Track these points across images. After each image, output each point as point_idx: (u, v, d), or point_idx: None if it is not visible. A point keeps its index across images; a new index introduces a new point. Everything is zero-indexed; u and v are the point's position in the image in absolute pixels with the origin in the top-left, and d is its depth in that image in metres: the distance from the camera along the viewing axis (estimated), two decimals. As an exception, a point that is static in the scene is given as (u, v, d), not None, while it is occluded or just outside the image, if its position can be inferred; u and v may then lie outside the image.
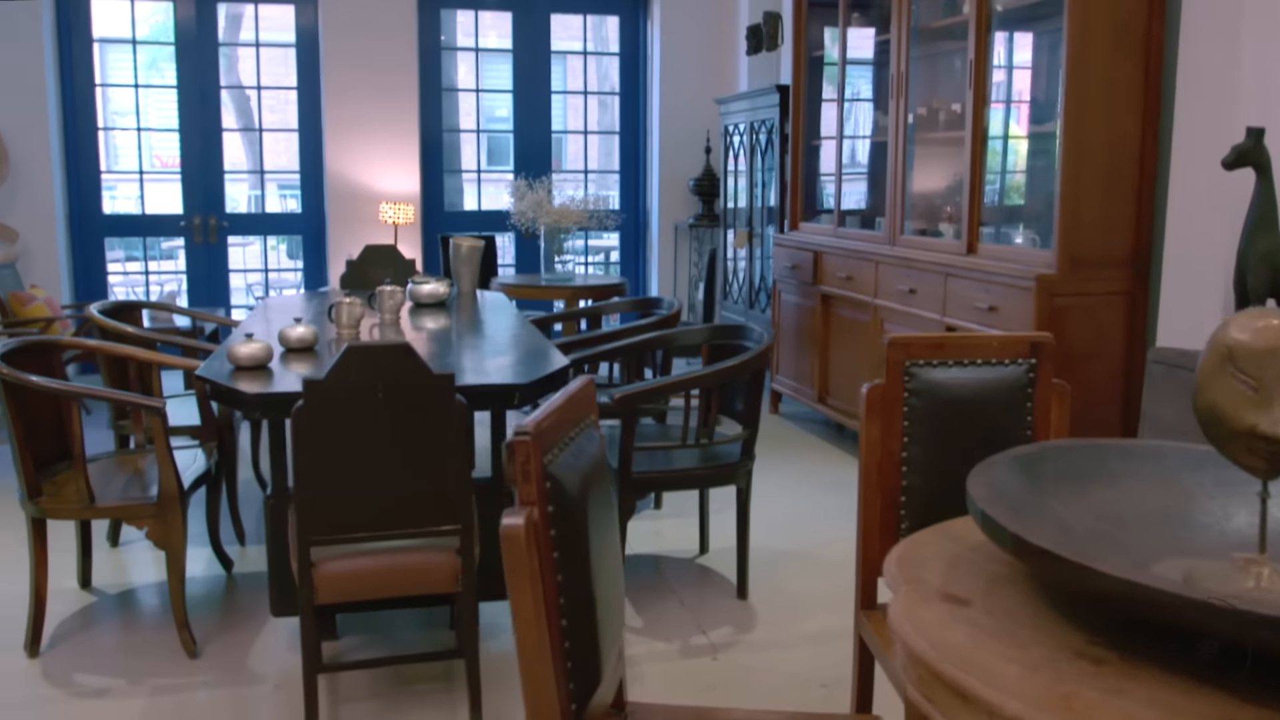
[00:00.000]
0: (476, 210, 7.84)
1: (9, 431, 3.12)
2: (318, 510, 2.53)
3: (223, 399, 2.95)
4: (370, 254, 5.20)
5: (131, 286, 8.00)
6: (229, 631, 3.39)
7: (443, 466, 2.57)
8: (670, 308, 4.50)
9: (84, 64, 7.08)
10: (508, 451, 1.36)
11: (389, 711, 2.91)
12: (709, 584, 3.82)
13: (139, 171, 7.44)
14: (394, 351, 2.49)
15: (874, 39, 5.77)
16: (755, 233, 6.71)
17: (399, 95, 7.24)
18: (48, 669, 3.15)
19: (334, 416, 2.47)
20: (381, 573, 2.64)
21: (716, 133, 7.47)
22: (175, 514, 3.12)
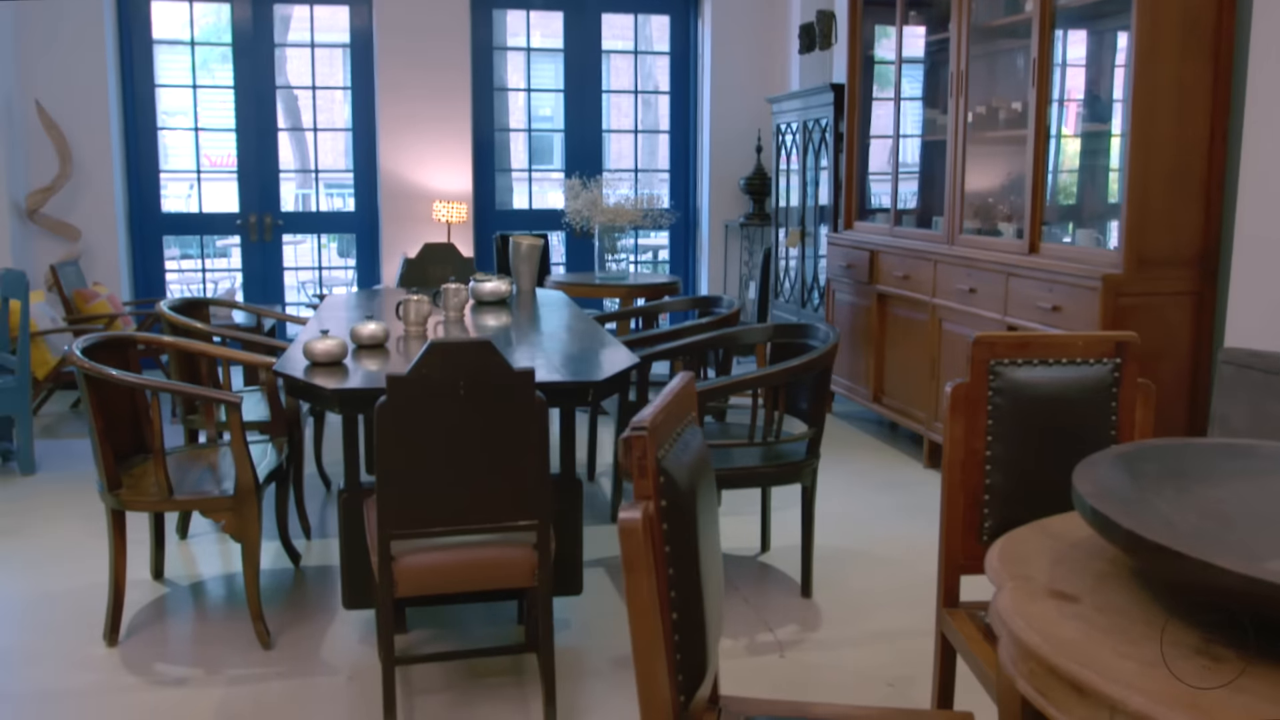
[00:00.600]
0: (527, 209, 7.88)
1: (90, 425, 3.19)
2: (399, 505, 2.56)
3: (300, 394, 2.99)
4: (429, 252, 5.25)
5: (186, 284, 8.11)
6: (300, 624, 3.44)
7: (521, 462, 2.60)
8: (730, 306, 4.51)
9: (144, 65, 7.19)
10: (624, 446, 1.38)
11: (462, 704, 2.94)
12: (772, 582, 3.83)
13: (196, 171, 7.55)
14: (476, 348, 2.52)
15: (924, 38, 5.75)
16: (807, 232, 6.70)
17: (452, 95, 7.29)
18: (127, 658, 3.22)
19: (416, 412, 2.51)
20: (459, 567, 2.67)
21: (768, 131, 7.46)
22: (251, 507, 3.18)
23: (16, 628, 3.44)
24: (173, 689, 3.04)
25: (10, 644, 3.31)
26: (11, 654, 3.24)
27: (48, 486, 4.89)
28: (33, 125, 6.75)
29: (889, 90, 5.99)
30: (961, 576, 2.29)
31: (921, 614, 3.53)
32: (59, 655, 3.23)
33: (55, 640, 3.34)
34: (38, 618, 3.51)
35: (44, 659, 3.21)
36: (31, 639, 3.35)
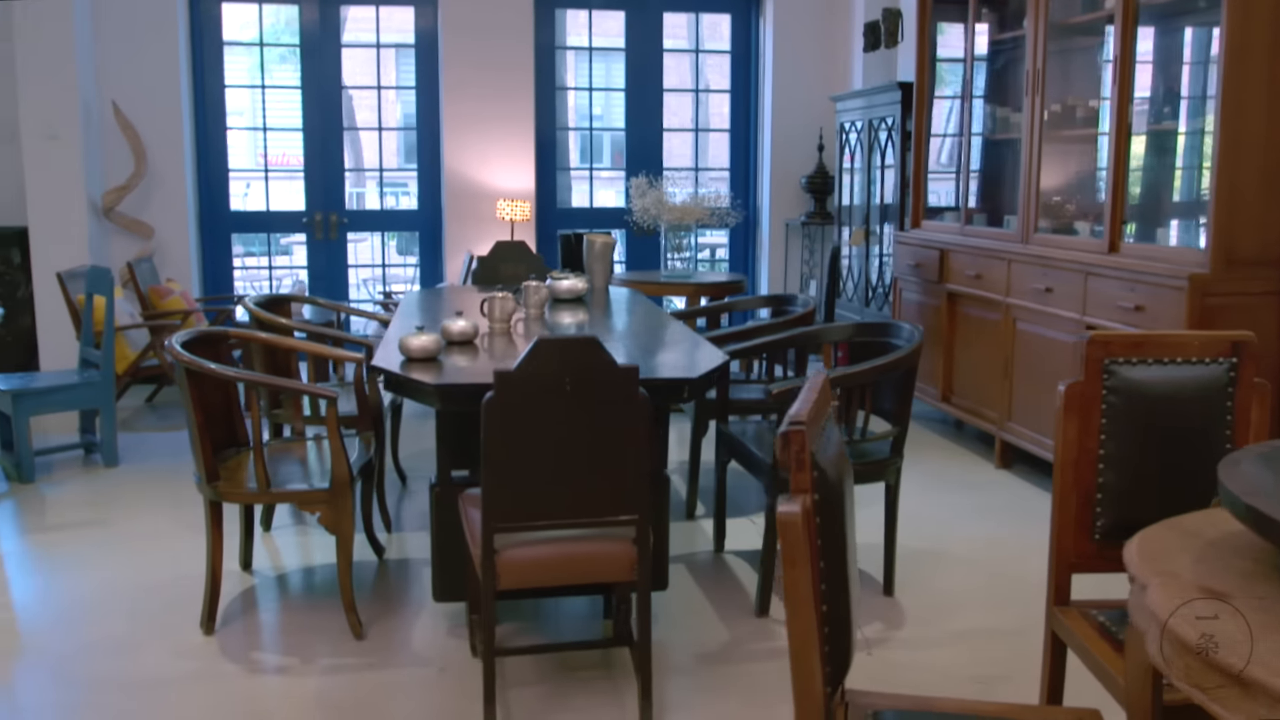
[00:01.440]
0: (587, 207, 7.92)
1: (189, 418, 3.25)
2: (503, 499, 2.59)
3: (399, 389, 3.04)
4: (501, 250, 5.29)
5: (250, 281, 8.23)
6: (388, 616, 3.49)
7: (623, 458, 2.63)
8: (804, 305, 4.51)
9: (214, 66, 7.31)
10: (782, 441, 1.40)
11: (556, 696, 2.97)
12: (852, 580, 3.83)
13: (264, 170, 7.66)
14: (582, 344, 2.55)
15: (988, 35, 5.71)
16: (870, 231, 6.68)
17: (515, 94, 7.34)
18: (224, 646, 3.28)
19: (523, 407, 2.54)
20: (560, 561, 2.70)
21: (830, 130, 7.45)
22: (347, 501, 3.23)
23: (115, 616, 3.51)
24: (272, 677, 3.10)
25: (111, 632, 3.39)
26: (113, 642, 3.32)
27: (131, 479, 4.99)
28: (109, 125, 6.88)
29: (945, 89, 5.97)
30: (1073, 575, 2.28)
31: (1005, 613, 3.52)
32: (159, 643, 3.31)
33: (154, 628, 3.41)
34: (134, 606, 3.59)
35: (144, 647, 3.29)
36: (131, 627, 3.43)
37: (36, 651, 3.27)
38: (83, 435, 5.37)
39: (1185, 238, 4.75)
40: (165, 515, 4.51)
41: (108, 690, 3.01)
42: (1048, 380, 4.65)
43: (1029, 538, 4.20)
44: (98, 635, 3.37)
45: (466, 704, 2.92)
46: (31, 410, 4.82)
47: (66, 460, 5.26)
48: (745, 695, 3.00)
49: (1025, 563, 3.94)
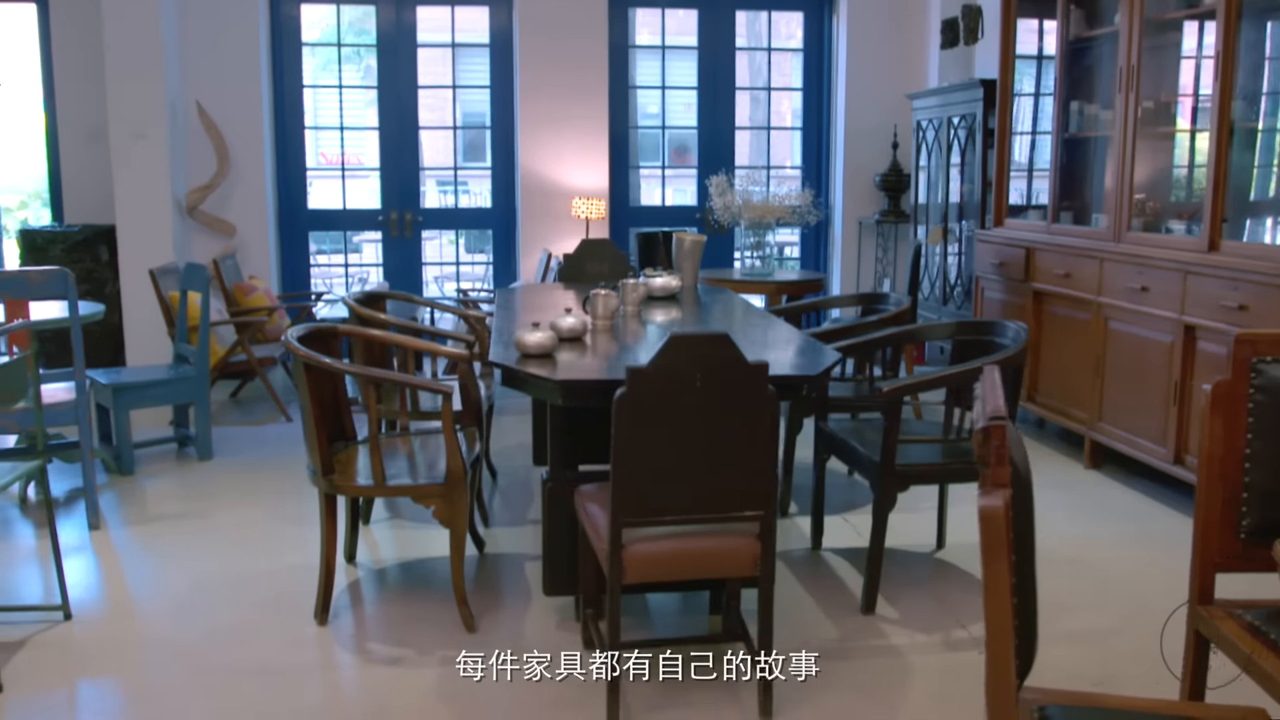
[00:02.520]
0: (659, 205, 7.95)
1: (304, 412, 3.31)
2: (632, 493, 2.62)
3: (517, 384, 3.07)
4: (586, 248, 5.33)
5: (324, 278, 8.33)
6: (497, 609, 3.53)
7: (751, 454, 2.64)
8: (898, 304, 4.50)
9: (293, 66, 7.42)
10: (983, 435, 1.40)
11: (674, 691, 2.99)
12: (953, 579, 3.82)
13: (341, 169, 7.75)
14: (714, 341, 2.57)
15: (1065, 33, 5.65)
16: (948, 229, 6.64)
17: (590, 93, 7.38)
18: (338, 636, 3.34)
19: (654, 403, 2.56)
20: (686, 555, 2.72)
21: (904, 128, 7.41)
22: (461, 495, 3.27)
23: (229, 606, 3.59)
24: (388, 668, 3.15)
25: (228, 621, 3.46)
26: (232, 631, 3.39)
27: (224, 471, 5.08)
28: (192, 125, 7.00)
29: (1021, 85, 5.91)
30: (1217, 574, 2.27)
31: (1115, 613, 3.50)
32: (273, 633, 3.37)
33: (268, 618, 3.48)
34: (245, 596, 3.66)
35: (260, 636, 3.35)
36: (244, 617, 3.50)
37: (161, 640, 3.34)
38: (176, 429, 5.47)
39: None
40: (261, 508, 4.59)
41: (234, 677, 3.07)
42: (1141, 380, 4.61)
43: (1127, 538, 4.17)
44: (216, 624, 3.44)
45: (584, 696, 2.95)
46: (130, 404, 4.93)
47: (160, 453, 5.37)
48: (860, 692, 3.01)
49: (1126, 563, 3.91)
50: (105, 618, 3.50)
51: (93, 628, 3.42)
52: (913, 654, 3.24)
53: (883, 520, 3.44)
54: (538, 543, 4.14)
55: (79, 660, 3.21)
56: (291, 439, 5.69)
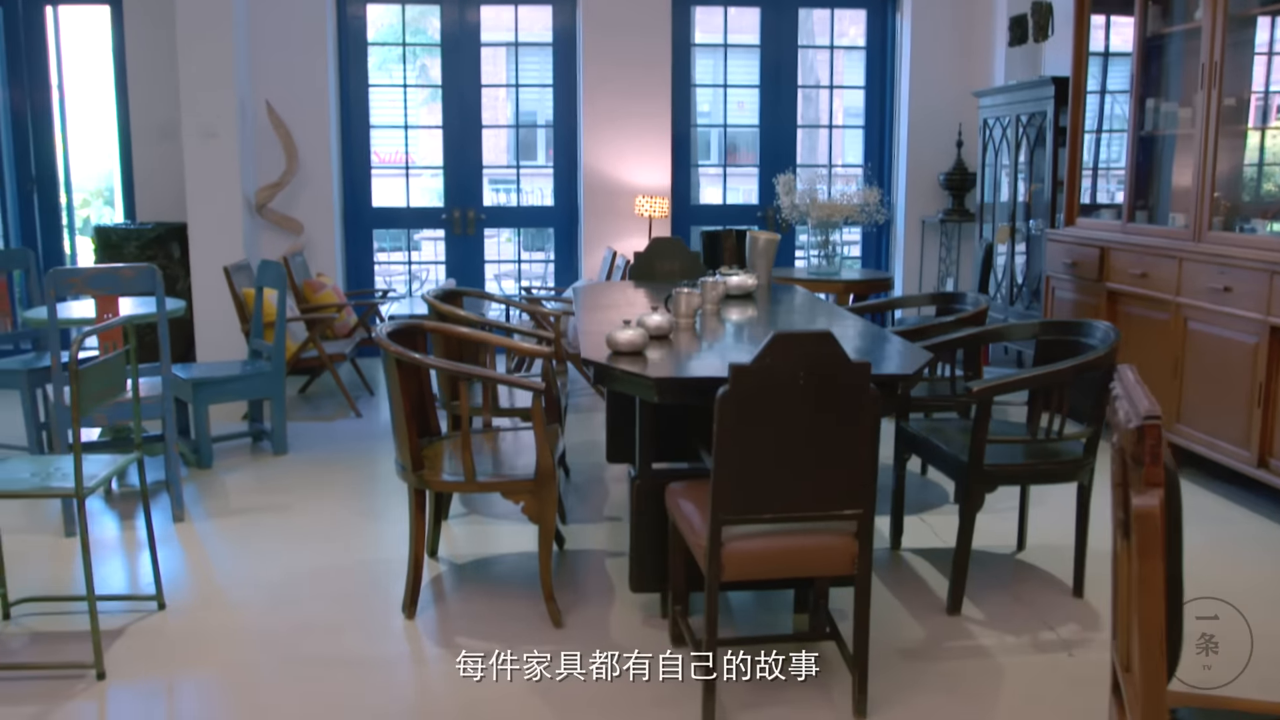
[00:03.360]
0: (720, 204, 7.95)
1: (394, 407, 3.35)
2: (732, 490, 2.63)
3: (610, 381, 3.08)
4: (657, 246, 5.34)
5: (385, 276, 8.41)
6: (582, 605, 3.54)
7: (852, 452, 2.64)
8: (976, 304, 4.47)
9: (359, 66, 7.49)
10: (1137, 435, 1.40)
11: (764, 689, 2.99)
12: (1037, 580, 3.79)
13: (405, 167, 7.82)
14: (817, 339, 2.57)
15: (1134, 28, 5.58)
16: (1016, 228, 6.58)
17: (652, 91, 7.39)
18: (427, 629, 3.38)
19: (757, 400, 2.57)
20: (785, 553, 2.73)
21: (969, 126, 7.36)
22: (551, 491, 3.29)
23: (316, 599, 3.64)
24: (479, 662, 3.15)
25: (317, 614, 3.51)
26: (322, 623, 3.44)
27: (300, 466, 5.15)
28: (261, 124, 7.10)
29: (1092, 83, 5.84)
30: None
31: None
32: (362, 625, 3.41)
33: (354, 611, 3.53)
34: (331, 589, 3.71)
35: (349, 629, 3.40)
36: (332, 609, 3.55)
37: (253, 631, 3.39)
38: (251, 424, 5.55)
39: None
40: (339, 502, 4.65)
41: (327, 669, 3.12)
42: (1223, 382, 4.55)
43: (1210, 540, 4.12)
44: (305, 616, 3.49)
45: (677, 693, 2.96)
46: (209, 399, 5.00)
47: (235, 448, 5.45)
48: (952, 694, 2.99)
49: (1215, 567, 3.86)
50: (197, 608, 3.56)
51: (186, 617, 3.48)
52: (1001, 655, 3.22)
53: (970, 521, 3.42)
54: (615, 539, 4.17)
55: (175, 649, 3.27)
56: (361, 435, 5.76)
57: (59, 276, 4.09)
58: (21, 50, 7.36)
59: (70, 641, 3.32)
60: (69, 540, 4.20)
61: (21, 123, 7.44)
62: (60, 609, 3.60)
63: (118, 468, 3.27)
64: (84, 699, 2.97)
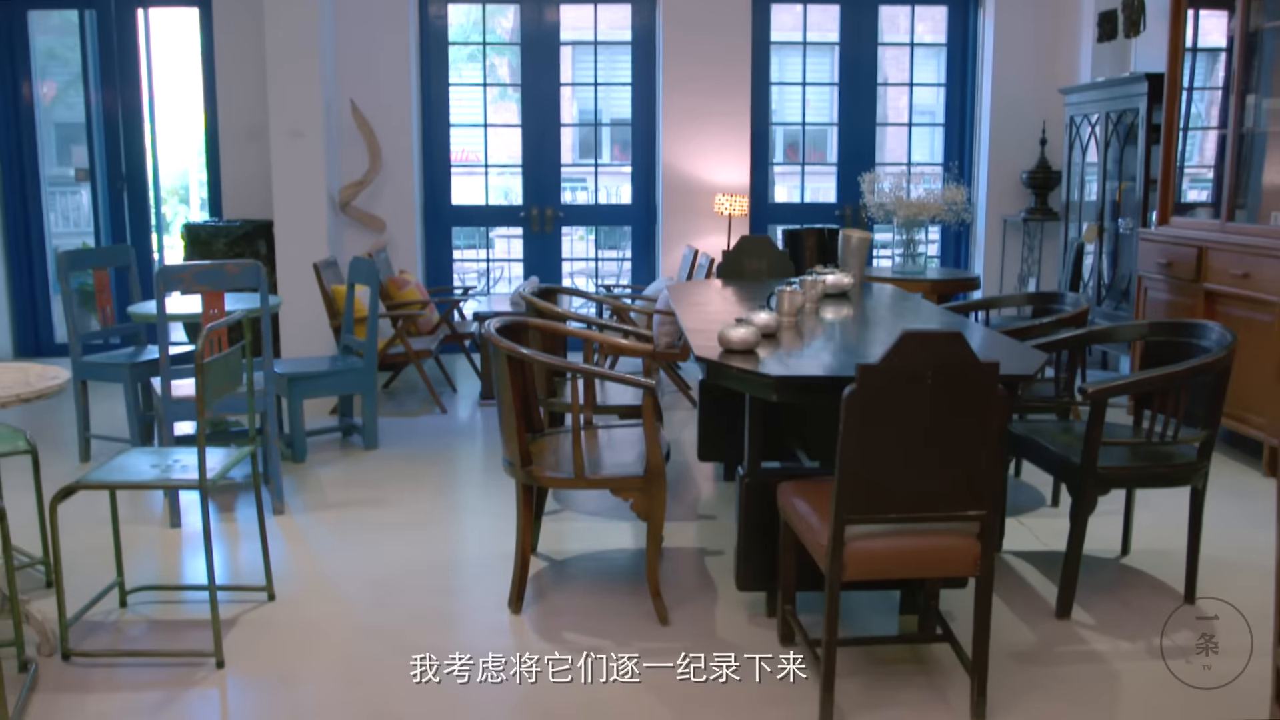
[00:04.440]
0: (799, 202, 7.91)
1: (503, 404, 3.37)
2: (857, 489, 2.61)
3: (724, 379, 3.07)
4: (745, 245, 5.33)
5: (460, 273, 8.48)
6: (685, 603, 3.54)
7: (978, 453, 2.61)
8: (1075, 305, 4.41)
9: (440, 66, 7.57)
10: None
11: (879, 689, 2.98)
12: (1144, 586, 3.73)
13: (484, 166, 7.88)
14: (947, 339, 2.55)
15: (1226, 23, 5.47)
16: (1104, 227, 6.48)
17: (732, 89, 7.38)
18: (535, 624, 3.40)
19: (883, 399, 2.55)
20: (907, 553, 2.71)
21: (1053, 123, 7.25)
22: (660, 488, 3.30)
23: (420, 592, 3.68)
24: (589, 657, 3.17)
25: (421, 607, 3.55)
26: (425, 616, 3.47)
27: (391, 461, 5.21)
28: (345, 123, 7.19)
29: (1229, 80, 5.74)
30: None
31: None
32: (470, 619, 3.45)
33: (460, 605, 3.57)
34: (434, 583, 3.75)
35: (457, 622, 3.44)
36: (438, 603, 3.59)
37: (363, 623, 3.44)
38: (341, 419, 5.63)
39: None
40: (433, 497, 4.70)
41: (443, 662, 3.14)
42: (1333, 385, 4.44)
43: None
44: (412, 609, 3.53)
45: (790, 691, 2.95)
46: (304, 393, 5.08)
47: (326, 442, 5.53)
48: (1071, 700, 2.95)
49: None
50: (306, 599, 3.62)
51: (296, 609, 3.54)
52: (1116, 661, 3.17)
53: (1082, 524, 3.37)
54: (711, 537, 4.18)
55: (288, 640, 3.32)
56: (447, 431, 5.81)
57: (168, 273, 4.18)
58: (114, 53, 7.52)
59: (186, 630, 3.39)
60: (173, 531, 4.30)
61: (113, 123, 7.61)
62: (172, 598, 3.69)
63: (235, 460, 3.34)
64: (205, 686, 3.03)
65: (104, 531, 3.54)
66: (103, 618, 3.47)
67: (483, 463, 5.23)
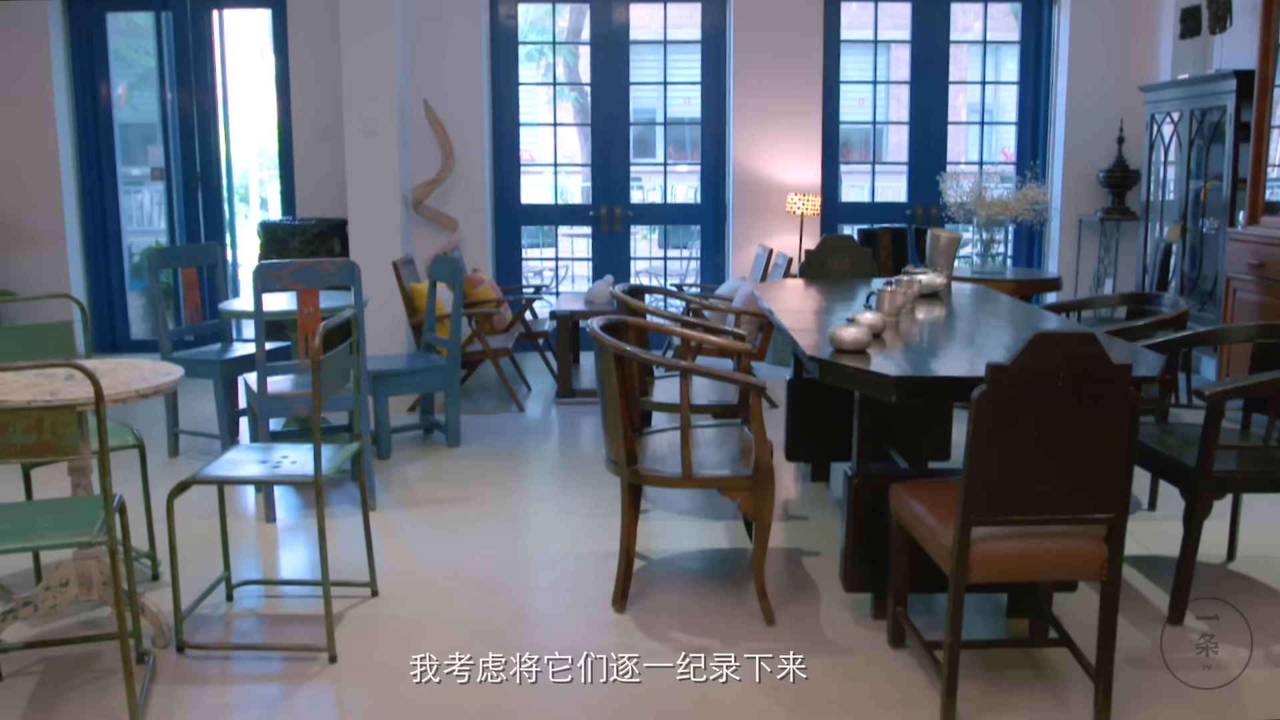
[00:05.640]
0: (868, 201, 7.86)
1: (609, 403, 3.37)
2: (984, 492, 2.59)
3: (838, 379, 3.05)
4: (828, 244, 5.29)
5: (528, 272, 8.51)
6: (788, 603, 3.53)
7: (1108, 455, 2.58)
8: (1175, 306, 4.34)
9: (509, 65, 7.60)
10: None
11: (996, 692, 2.95)
12: (1255, 593, 3.66)
13: (554, 165, 7.91)
14: (1080, 339, 2.52)
15: None
16: (1187, 227, 6.38)
17: (804, 88, 7.35)
18: (640, 624, 3.39)
19: (1014, 401, 2.52)
20: (1033, 556, 2.68)
21: (1131, 122, 7.15)
22: (769, 487, 3.29)
23: (520, 589, 3.70)
24: (698, 657, 3.16)
25: (524, 604, 3.57)
26: (529, 614, 3.49)
27: (474, 458, 5.23)
28: (418, 122, 7.24)
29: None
30: None
31: None
32: (574, 617, 3.45)
33: (563, 603, 3.57)
34: (534, 581, 3.77)
35: (562, 620, 3.44)
36: (540, 601, 3.60)
37: (467, 620, 3.45)
38: (422, 416, 5.66)
39: None
40: (521, 495, 4.72)
41: (552, 659, 3.15)
42: None
43: None
44: (515, 606, 3.55)
45: (905, 694, 2.93)
46: (390, 391, 5.12)
47: (408, 439, 5.56)
48: (1196, 707, 2.90)
49: None
50: (408, 595, 3.64)
51: (399, 605, 3.56)
52: (1235, 668, 3.11)
53: (1197, 528, 3.32)
54: (804, 537, 4.16)
55: (395, 635, 3.33)
56: (525, 429, 5.84)
57: (266, 270, 4.23)
58: (189, 53, 7.62)
59: (293, 624, 3.43)
60: (268, 526, 4.34)
61: (188, 123, 7.71)
62: (274, 592, 3.73)
63: (344, 456, 3.36)
64: (321, 680, 3.06)
65: (201, 526, 3.59)
66: (209, 611, 3.52)
67: (565, 461, 5.24)
